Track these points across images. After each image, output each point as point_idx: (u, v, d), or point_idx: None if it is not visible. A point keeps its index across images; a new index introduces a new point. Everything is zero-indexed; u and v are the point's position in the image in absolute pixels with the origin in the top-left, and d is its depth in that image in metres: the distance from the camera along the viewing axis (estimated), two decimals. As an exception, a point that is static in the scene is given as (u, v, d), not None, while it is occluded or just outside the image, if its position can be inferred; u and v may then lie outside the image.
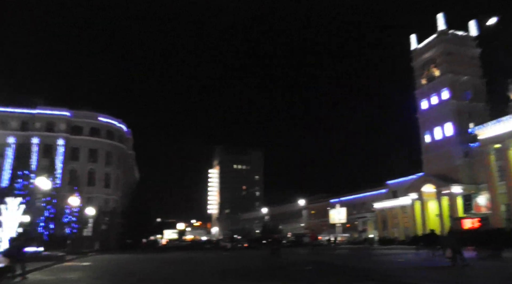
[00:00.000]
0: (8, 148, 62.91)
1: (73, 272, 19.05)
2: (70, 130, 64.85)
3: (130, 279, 15.93)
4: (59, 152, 62.95)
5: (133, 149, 79.63)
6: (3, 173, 60.88)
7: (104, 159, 65.83)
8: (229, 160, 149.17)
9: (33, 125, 64.09)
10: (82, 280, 15.45)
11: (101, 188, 64.43)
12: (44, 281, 15.10)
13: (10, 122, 64.35)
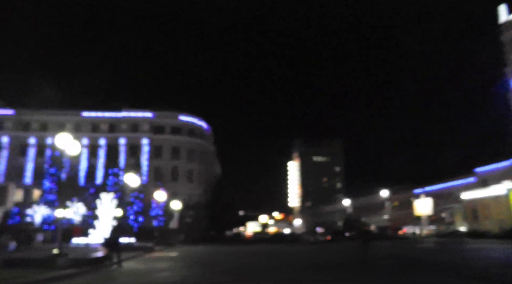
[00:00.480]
0: (100, 149, 67.86)
1: (162, 261, 20.17)
2: (153, 130, 68.57)
3: (216, 269, 16.43)
4: (144, 151, 66.86)
5: (213, 144, 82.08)
6: (97, 171, 65.55)
7: (186, 156, 68.77)
8: (308, 152, 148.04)
9: (120, 127, 68.63)
10: (171, 269, 16.27)
11: (185, 183, 67.41)
12: (137, 269, 16.17)
13: (100, 126, 69.59)
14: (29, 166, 68.41)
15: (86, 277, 13.57)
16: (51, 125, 68.68)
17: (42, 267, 14.00)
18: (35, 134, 69.23)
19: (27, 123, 70.39)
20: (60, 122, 68.06)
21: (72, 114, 70.08)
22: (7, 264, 14.87)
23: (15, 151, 68.74)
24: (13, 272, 12.87)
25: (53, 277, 12.58)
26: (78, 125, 68.96)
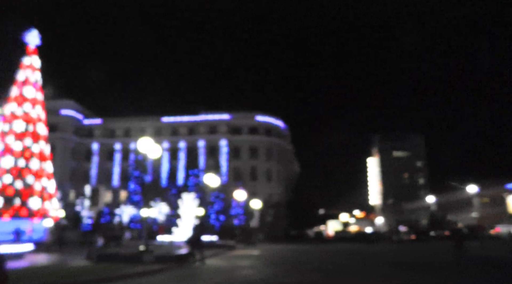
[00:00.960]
0: (180, 152, 70.25)
1: (244, 259, 20.14)
2: (230, 131, 69.68)
3: (299, 268, 16.07)
4: (222, 152, 68.12)
5: (291, 143, 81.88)
6: (178, 173, 67.85)
7: (264, 155, 69.11)
8: (388, 147, 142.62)
9: (198, 130, 70.54)
10: (253, 267, 16.12)
11: (264, 183, 67.75)
12: (220, 266, 16.21)
13: (179, 130, 72.11)
14: (116, 170, 72.47)
15: (171, 273, 13.82)
16: (133, 131, 72.43)
17: (130, 262, 14.53)
18: (120, 140, 73.39)
19: (113, 131, 74.82)
20: (142, 128, 71.44)
21: (152, 120, 73.26)
22: (100, 259, 15.82)
23: (104, 156, 73.35)
24: (106, 266, 13.66)
25: (141, 272, 13.04)
26: (159, 130, 71.96)
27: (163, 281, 11.74)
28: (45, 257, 19.10)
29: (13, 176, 30.80)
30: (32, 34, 34.12)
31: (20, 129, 32.13)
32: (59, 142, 69.46)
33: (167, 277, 12.66)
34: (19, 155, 31.53)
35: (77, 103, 75.88)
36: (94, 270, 12.81)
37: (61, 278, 11.20)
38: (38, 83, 34.23)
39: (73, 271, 12.87)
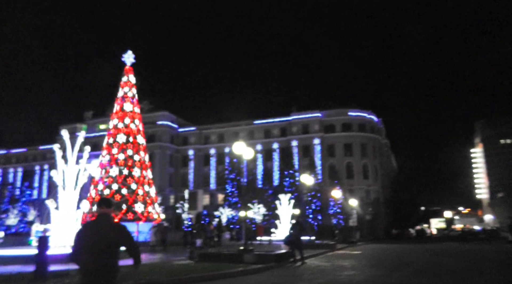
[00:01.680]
0: (274, 153, 70.80)
1: (345, 259, 19.55)
2: (323, 129, 68.82)
3: (404, 269, 15.20)
4: (316, 150, 67.47)
5: (386, 137, 79.00)
6: (273, 174, 68.41)
7: (359, 152, 67.29)
8: (493, 135, 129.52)
9: (291, 130, 70.57)
10: (355, 267, 15.53)
11: (360, 180, 65.96)
12: (321, 266, 15.83)
13: (272, 131, 72.82)
14: (212, 174, 75.04)
15: (272, 272, 13.74)
16: (227, 136, 74.55)
17: (231, 262, 14.70)
18: (215, 146, 75.90)
19: (207, 137, 77.69)
20: (235, 132, 73.23)
21: (245, 124, 74.78)
22: (201, 258, 16.28)
23: (200, 161, 76.46)
24: (208, 265, 13.97)
25: (242, 271, 13.15)
26: (251, 132, 73.25)
27: (264, 281, 11.67)
28: (151, 257, 20.03)
29: (119, 183, 33.41)
30: (128, 54, 37.22)
31: (122, 141, 34.96)
32: (157, 150, 73.68)
33: (268, 277, 12.60)
34: (123, 164, 34.23)
35: (172, 114, 79.93)
36: (197, 269, 13.17)
37: (167, 275, 11.67)
38: (135, 98, 37.25)
39: (177, 269, 13.35)
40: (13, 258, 17.67)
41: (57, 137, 75.60)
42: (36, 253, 12.35)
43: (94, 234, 4.98)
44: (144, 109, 65.36)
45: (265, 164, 70.85)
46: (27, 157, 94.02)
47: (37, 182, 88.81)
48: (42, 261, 12.12)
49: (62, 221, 18.67)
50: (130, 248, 5.15)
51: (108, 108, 71.74)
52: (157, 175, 64.96)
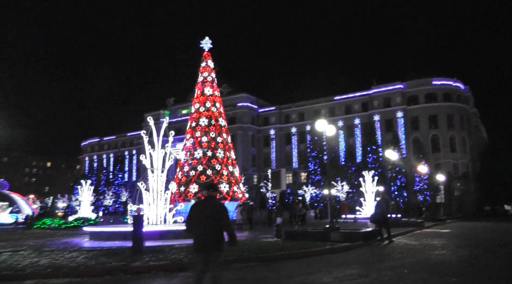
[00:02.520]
0: (355, 129, 69.43)
1: (434, 238, 18.80)
2: (405, 101, 66.02)
3: (499, 250, 14.04)
4: (399, 124, 65.09)
5: (474, 106, 74.19)
6: (356, 150, 67.24)
7: (445, 123, 63.77)
8: None
9: (372, 104, 68.59)
10: (447, 247, 14.80)
11: (447, 153, 62.63)
12: (409, 245, 15.40)
13: (353, 106, 71.34)
14: (294, 152, 75.36)
15: (359, 251, 13.59)
16: (307, 114, 74.26)
17: (318, 240, 14.75)
18: (295, 124, 75.92)
19: (288, 116, 77.86)
20: (315, 109, 72.66)
21: (325, 101, 74.00)
22: (288, 237, 16.51)
23: (281, 141, 77.01)
24: (294, 243, 14.12)
25: (329, 249, 13.15)
26: (332, 109, 72.31)
27: (352, 260, 11.58)
28: (239, 234, 20.64)
29: (203, 165, 34.79)
30: (205, 40, 39.09)
31: (204, 124, 36.36)
32: (239, 131, 75.30)
33: (355, 255, 12.47)
34: (206, 146, 35.60)
35: (251, 95, 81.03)
36: (284, 247, 13.37)
37: (256, 253, 12.01)
38: (215, 82, 38.76)
39: (265, 246, 13.70)
40: (113, 234, 19.18)
41: (143, 124, 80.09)
42: (132, 230, 13.22)
43: (204, 211, 6.27)
44: (223, 93, 67.02)
45: (347, 140, 69.76)
46: (117, 143, 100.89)
47: (127, 166, 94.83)
48: (138, 237, 13.00)
49: (153, 201, 19.78)
50: (226, 225, 6.26)
51: (189, 94, 74.37)
52: (240, 155, 66.55)
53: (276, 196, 35.13)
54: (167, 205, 20.24)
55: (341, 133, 69.04)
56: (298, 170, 73.35)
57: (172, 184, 22.05)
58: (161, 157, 20.06)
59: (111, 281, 9.39)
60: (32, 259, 12.09)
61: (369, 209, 34.33)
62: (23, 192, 77.64)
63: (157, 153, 20.05)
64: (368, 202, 35.45)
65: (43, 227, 35.78)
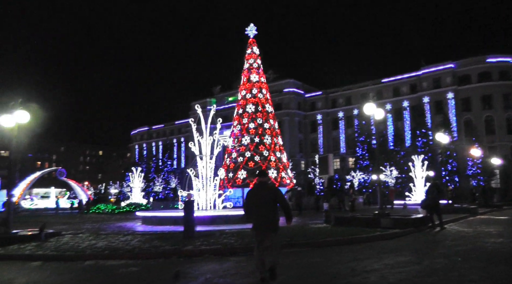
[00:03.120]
0: (405, 112, 67.75)
1: (490, 225, 18.08)
2: (457, 81, 63.50)
3: None
4: (450, 106, 62.82)
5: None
6: (405, 134, 65.75)
7: (501, 103, 60.52)
8: None
9: (421, 86, 66.56)
10: (503, 235, 14.01)
11: (503, 135, 59.68)
12: (462, 232, 14.95)
13: (401, 88, 69.55)
14: (342, 137, 74.60)
15: (410, 237, 13.32)
16: (354, 98, 73.16)
17: (367, 226, 14.64)
18: (342, 109, 75.01)
19: (334, 100, 77.01)
20: (362, 93, 71.41)
21: (372, 84, 72.61)
22: (337, 222, 16.45)
23: (328, 126, 76.39)
24: (344, 229, 14.10)
25: (380, 235, 13.01)
26: (380, 92, 70.80)
27: (403, 246, 11.41)
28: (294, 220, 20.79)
29: (251, 151, 35.14)
30: (250, 27, 39.30)
31: (251, 111, 36.64)
32: (285, 117, 75.28)
33: (406, 242, 12.26)
34: (254, 132, 35.90)
35: (297, 80, 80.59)
36: (334, 233, 13.40)
37: (306, 238, 12.13)
38: (261, 68, 39.13)
39: (315, 232, 13.80)
40: (164, 219, 19.87)
41: (190, 112, 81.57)
42: (184, 215, 13.61)
43: (259, 196, 7.22)
44: (269, 79, 66.98)
45: (395, 124, 68.23)
46: (165, 131, 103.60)
47: (175, 154, 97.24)
48: (189, 222, 13.38)
49: (202, 187, 20.22)
50: (284, 206, 7.32)
51: (235, 81, 74.84)
52: (287, 141, 66.57)
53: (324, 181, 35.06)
54: (216, 190, 20.64)
55: (389, 116, 67.55)
56: (345, 155, 72.62)
57: (221, 170, 22.43)
58: (209, 143, 20.45)
59: (165, 263, 9.73)
60: (90, 242, 12.86)
61: (419, 194, 33.63)
62: (78, 179, 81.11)
63: (205, 140, 20.44)
64: (418, 188, 34.71)
65: (97, 212, 37.49)
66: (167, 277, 7.97)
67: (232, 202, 22.96)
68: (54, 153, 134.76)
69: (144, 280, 8.01)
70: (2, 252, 11.68)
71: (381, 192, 17.93)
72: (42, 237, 13.53)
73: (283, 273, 7.77)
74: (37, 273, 9.23)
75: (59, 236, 14.56)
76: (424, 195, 17.62)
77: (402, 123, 67.84)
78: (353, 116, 71.34)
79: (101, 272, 9.11)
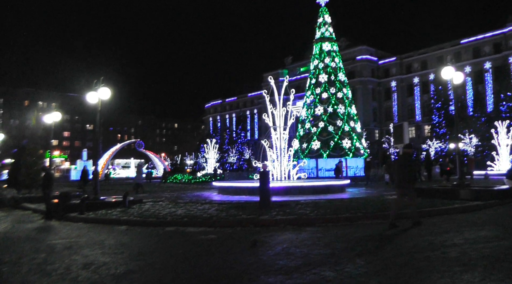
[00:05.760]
0: (486, 74, 63.54)
1: None
2: (547, 39, 58.35)
3: None
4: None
5: None
6: (486, 98, 61.89)
7: None
8: None
9: (506, 44, 61.86)
10: None
11: None
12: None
13: (483, 49, 65.02)
14: (417, 105, 71.68)
15: (493, 211, 12.43)
16: (430, 62, 69.76)
17: (446, 198, 14.09)
18: (418, 74, 71.82)
19: (409, 66, 73.90)
20: (439, 56, 67.88)
21: (450, 46, 68.66)
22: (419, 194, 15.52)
23: (403, 93, 73.64)
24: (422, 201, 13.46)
25: (459, 208, 12.43)
26: (458, 54, 66.74)
27: (484, 220, 10.81)
28: (362, 191, 20.66)
29: (325, 121, 34.82)
30: None
31: (324, 80, 36.15)
32: (359, 86, 73.50)
33: (489, 216, 11.50)
34: (327, 102, 35.40)
35: (370, 47, 77.93)
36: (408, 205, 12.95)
37: (382, 210, 11.96)
38: (333, 36, 38.01)
39: (389, 204, 13.34)
40: (240, 189, 20.42)
41: (262, 84, 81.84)
42: (259, 186, 13.89)
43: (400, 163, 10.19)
44: (341, 47, 65.29)
45: (475, 88, 64.34)
46: (238, 104, 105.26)
47: (248, 125, 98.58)
48: (265, 192, 13.62)
49: (276, 158, 20.45)
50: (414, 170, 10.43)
51: (307, 50, 73.73)
52: (360, 110, 65.17)
53: (399, 151, 34.07)
54: (290, 161, 20.80)
55: (468, 80, 63.74)
56: (421, 123, 69.88)
57: (295, 141, 22.51)
58: (283, 115, 20.53)
59: (241, 232, 10.09)
60: (170, 209, 13.66)
61: (504, 164, 31.71)
62: (155, 150, 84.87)
63: (279, 111, 20.53)
64: (502, 156, 32.71)
65: (174, 181, 39.19)
66: (245, 245, 8.25)
67: (306, 172, 23.03)
68: (132, 126, 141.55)
69: (223, 247, 8.38)
70: (93, 216, 12.90)
71: (460, 161, 17.10)
72: (126, 203, 14.51)
73: (362, 245, 7.81)
74: (124, 236, 10.02)
75: (141, 203, 15.61)
76: (510, 164, 16.60)
77: (483, 87, 63.80)
78: (429, 81, 68.13)
79: (182, 238, 9.67)
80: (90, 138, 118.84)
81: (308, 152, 34.86)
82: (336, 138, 34.31)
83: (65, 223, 12.63)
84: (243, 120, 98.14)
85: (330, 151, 33.97)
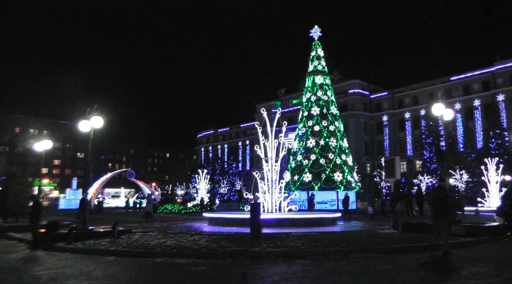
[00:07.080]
0: (476, 111, 64.49)
1: None
2: (535, 77, 59.60)
3: None
4: (529, 104, 59.05)
5: None
6: (476, 135, 62.58)
7: None
8: None
9: (494, 82, 63.09)
10: None
11: None
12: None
13: (472, 86, 66.27)
14: (408, 139, 72.31)
15: (485, 247, 12.38)
16: (421, 97, 70.85)
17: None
18: (409, 109, 72.78)
19: (401, 100, 74.90)
20: (430, 92, 69.05)
21: (440, 82, 69.94)
22: (406, 228, 15.68)
23: (395, 127, 74.39)
24: (413, 236, 13.64)
25: (451, 244, 12.10)
26: (448, 90, 67.97)
27: (477, 256, 10.72)
28: (354, 225, 20.54)
29: (316, 154, 34.93)
30: (315, 29, 39.65)
31: (316, 113, 36.54)
32: (351, 119, 74.15)
33: (480, 252, 11.44)
34: (319, 134, 35.63)
35: (362, 81, 79.16)
36: (402, 239, 12.97)
37: (375, 244, 11.88)
38: (325, 70, 38.75)
39: (383, 238, 13.42)
40: (230, 220, 20.23)
41: (255, 115, 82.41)
42: (250, 217, 13.79)
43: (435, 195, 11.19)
44: (334, 80, 66.29)
45: (465, 124, 65.13)
46: (231, 134, 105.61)
47: (240, 156, 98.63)
48: (256, 224, 13.52)
49: (268, 189, 20.35)
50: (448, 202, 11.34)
51: (300, 83, 74.71)
52: (352, 143, 65.57)
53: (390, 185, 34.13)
54: (281, 193, 20.71)
55: (458, 116, 64.62)
56: (412, 157, 70.29)
57: (286, 173, 22.48)
58: (275, 146, 20.56)
59: (232, 264, 9.95)
60: (160, 240, 13.45)
61: (493, 200, 31.80)
62: (146, 180, 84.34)
63: (271, 143, 20.57)
64: (492, 193, 32.81)
65: (165, 211, 38.76)
66: (235, 277, 8.14)
67: (298, 205, 22.93)
68: (123, 155, 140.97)
69: (213, 279, 8.25)
70: (81, 246, 12.67)
71: (451, 197, 17.11)
72: (115, 233, 14.30)
73: (353, 278, 7.72)
74: (112, 267, 9.81)
75: (130, 234, 15.40)
76: (500, 201, 16.57)
77: (473, 124, 64.64)
78: (420, 116, 68.95)
79: (171, 269, 9.49)
80: (80, 166, 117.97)
81: (299, 184, 34.80)
82: (328, 171, 34.33)
83: (52, 253, 12.31)
84: (235, 151, 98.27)
85: (322, 183, 33.91)
